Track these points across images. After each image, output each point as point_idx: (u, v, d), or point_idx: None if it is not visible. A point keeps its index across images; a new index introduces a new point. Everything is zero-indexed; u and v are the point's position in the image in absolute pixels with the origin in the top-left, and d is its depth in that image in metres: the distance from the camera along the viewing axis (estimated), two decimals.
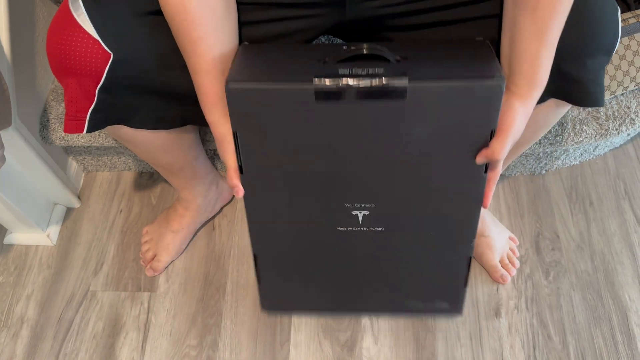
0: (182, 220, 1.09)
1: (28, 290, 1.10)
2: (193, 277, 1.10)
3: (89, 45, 0.66)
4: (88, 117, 0.70)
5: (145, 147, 0.85)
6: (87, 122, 0.71)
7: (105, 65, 0.67)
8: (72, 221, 1.18)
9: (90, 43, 0.66)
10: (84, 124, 0.71)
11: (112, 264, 1.12)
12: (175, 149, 0.90)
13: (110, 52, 0.66)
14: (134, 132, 0.80)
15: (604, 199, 1.18)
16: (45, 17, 1.07)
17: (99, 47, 0.66)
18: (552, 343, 1.01)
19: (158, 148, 0.87)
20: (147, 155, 0.89)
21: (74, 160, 1.21)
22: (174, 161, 0.93)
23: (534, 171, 1.21)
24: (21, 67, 0.98)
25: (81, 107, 0.70)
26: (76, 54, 0.66)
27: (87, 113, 0.70)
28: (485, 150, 0.66)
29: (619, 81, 1.03)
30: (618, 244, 1.12)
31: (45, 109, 1.07)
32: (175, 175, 0.98)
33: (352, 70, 0.61)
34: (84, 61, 0.66)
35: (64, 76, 0.69)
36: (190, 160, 0.97)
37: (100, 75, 0.67)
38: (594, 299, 1.05)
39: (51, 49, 0.68)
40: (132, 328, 1.05)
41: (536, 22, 0.63)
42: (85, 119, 0.70)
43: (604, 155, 1.24)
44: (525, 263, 1.10)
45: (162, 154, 0.90)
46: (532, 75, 0.66)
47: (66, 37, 0.66)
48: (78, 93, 0.69)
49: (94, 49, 0.66)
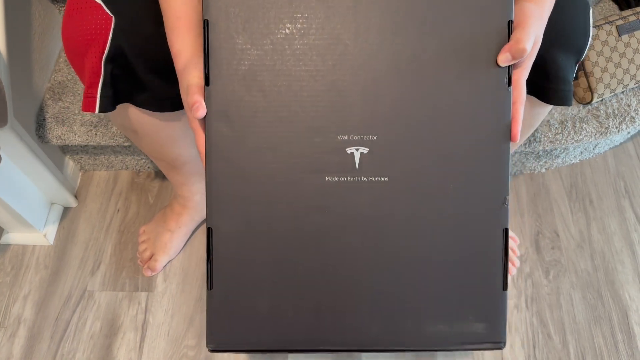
0: (180, 219, 1.09)
1: (25, 290, 1.09)
2: (191, 276, 1.10)
3: (93, 11, 0.67)
4: (99, 93, 0.71)
5: (152, 137, 0.85)
6: (99, 99, 0.71)
7: (108, 30, 0.67)
8: (69, 221, 1.18)
9: (94, 9, 0.67)
10: (95, 102, 0.71)
11: (110, 263, 1.12)
12: (181, 141, 0.89)
13: (111, 15, 0.67)
14: (143, 118, 0.80)
15: (604, 197, 1.18)
16: (41, 15, 1.07)
17: (102, 11, 0.67)
18: (552, 342, 1.00)
19: (165, 139, 0.86)
20: (152, 147, 0.88)
21: (70, 160, 1.20)
22: (178, 154, 0.93)
23: (534, 169, 1.21)
24: (17, 65, 0.98)
25: (92, 82, 0.70)
26: (83, 25, 0.67)
27: (98, 88, 0.70)
28: (507, 45, 0.57)
29: (619, 79, 1.02)
30: (618, 242, 1.11)
31: (41, 108, 1.07)
32: (176, 169, 0.98)
33: None
34: (90, 29, 0.67)
35: (77, 56, 0.70)
36: (195, 155, 0.97)
37: (105, 42, 0.67)
38: (594, 298, 1.05)
39: (64, 33, 0.69)
40: (130, 328, 1.04)
41: None
42: (97, 95, 0.71)
43: (604, 154, 1.24)
44: (525, 262, 1.09)
45: (168, 147, 0.89)
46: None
47: (74, 13, 0.68)
48: (89, 68, 0.69)
49: (97, 14, 0.67)
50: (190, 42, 0.63)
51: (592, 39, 1.01)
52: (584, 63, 1.02)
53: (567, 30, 0.67)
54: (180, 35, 0.64)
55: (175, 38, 0.64)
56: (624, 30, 1.01)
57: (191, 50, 0.63)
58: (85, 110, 0.71)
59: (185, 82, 0.62)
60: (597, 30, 1.01)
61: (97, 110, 0.71)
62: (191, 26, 0.64)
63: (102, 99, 0.71)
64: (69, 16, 0.69)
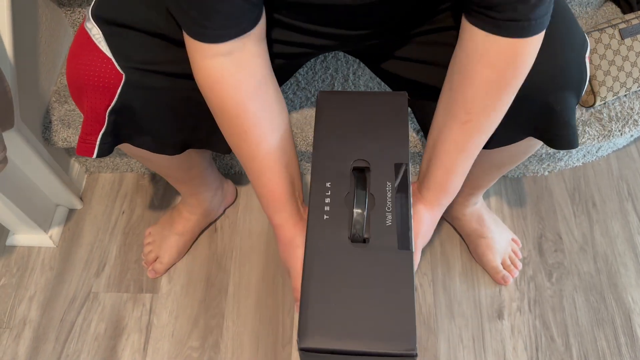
0: (187, 224, 1.09)
1: (30, 291, 1.10)
2: (195, 278, 1.10)
3: (102, 63, 0.66)
4: (99, 140, 0.71)
5: (157, 164, 0.87)
6: (98, 146, 0.72)
7: (117, 86, 0.67)
8: (74, 222, 1.18)
9: (104, 61, 0.66)
10: (94, 148, 0.72)
11: (114, 265, 1.12)
12: (186, 165, 0.92)
13: (122, 73, 0.66)
14: (145, 153, 0.81)
15: (607, 200, 1.18)
16: (48, 19, 1.08)
17: (112, 67, 0.66)
18: (555, 345, 1.01)
19: (170, 166, 0.88)
20: (158, 169, 0.90)
21: (76, 162, 1.21)
22: (184, 174, 0.95)
23: (537, 172, 1.21)
24: (24, 68, 0.98)
25: (92, 130, 0.71)
26: (91, 72, 0.67)
27: (98, 136, 0.71)
28: None
29: (622, 82, 1.02)
30: (621, 245, 1.11)
31: (47, 111, 1.08)
32: (184, 183, 0.99)
33: None
34: (98, 80, 0.67)
35: (79, 96, 0.70)
36: (201, 171, 0.99)
37: (112, 96, 0.68)
38: (597, 301, 1.05)
39: (69, 71, 0.69)
40: (134, 329, 1.04)
41: (463, 134, 0.65)
42: (96, 142, 0.72)
43: (607, 157, 1.24)
44: (528, 264, 1.09)
45: (174, 170, 0.91)
46: (444, 183, 0.68)
47: (83, 57, 0.67)
48: (90, 116, 0.70)
49: (107, 68, 0.66)
50: (288, 216, 0.69)
51: (595, 42, 1.01)
52: None
53: (567, 74, 0.67)
54: (277, 211, 0.69)
55: (273, 213, 0.69)
56: (627, 34, 1.01)
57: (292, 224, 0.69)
58: (81, 154, 0.72)
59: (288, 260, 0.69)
60: (600, 33, 1.01)
61: (95, 156, 0.72)
62: (286, 202, 0.69)
63: (101, 145, 0.72)
64: (76, 56, 0.68)
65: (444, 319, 1.04)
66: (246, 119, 0.64)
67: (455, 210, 1.06)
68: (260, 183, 0.69)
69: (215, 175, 1.07)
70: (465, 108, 0.63)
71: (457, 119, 0.64)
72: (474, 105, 0.63)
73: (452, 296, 1.06)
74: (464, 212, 1.06)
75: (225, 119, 0.66)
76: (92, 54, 0.66)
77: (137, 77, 0.67)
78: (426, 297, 1.06)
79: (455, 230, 1.13)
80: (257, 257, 1.12)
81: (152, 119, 0.73)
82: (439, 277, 1.08)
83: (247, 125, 0.65)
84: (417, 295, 1.06)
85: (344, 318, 0.56)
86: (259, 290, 1.08)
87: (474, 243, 1.08)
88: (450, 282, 1.08)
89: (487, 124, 0.64)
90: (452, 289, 1.07)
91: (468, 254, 1.11)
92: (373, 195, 0.63)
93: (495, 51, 0.59)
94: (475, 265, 1.09)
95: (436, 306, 1.05)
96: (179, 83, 0.69)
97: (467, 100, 0.63)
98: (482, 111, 0.63)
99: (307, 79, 1.10)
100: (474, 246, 1.08)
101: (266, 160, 0.67)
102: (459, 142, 0.65)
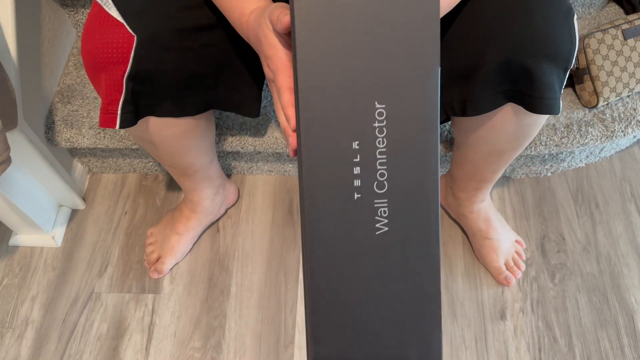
0: (188, 223, 1.09)
1: (33, 291, 1.10)
2: (197, 279, 1.10)
3: (115, 30, 0.67)
4: (120, 110, 0.71)
5: (169, 147, 0.86)
6: (119, 116, 0.72)
7: (130, 49, 0.68)
8: (76, 223, 1.19)
9: (116, 27, 0.67)
10: (116, 118, 0.72)
11: (117, 265, 1.12)
12: (196, 150, 0.91)
13: (134, 35, 0.67)
14: (162, 130, 0.81)
15: (609, 201, 1.18)
16: (51, 19, 1.08)
17: (124, 30, 0.67)
18: (558, 346, 1.00)
19: (181, 148, 0.88)
20: (167, 157, 0.90)
21: (79, 162, 1.21)
22: (191, 163, 0.95)
23: (540, 173, 1.21)
24: (27, 69, 0.99)
25: (112, 100, 0.71)
26: (105, 42, 0.67)
27: (119, 105, 0.71)
28: None
29: (625, 83, 1.02)
30: (624, 246, 1.11)
31: (50, 111, 1.08)
32: (188, 176, 0.99)
33: None
34: (112, 47, 0.67)
35: (96, 71, 0.70)
36: (207, 163, 0.99)
37: (127, 61, 0.68)
38: (600, 302, 1.05)
39: (84, 49, 0.69)
40: (137, 330, 1.05)
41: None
42: (117, 112, 0.71)
43: (610, 157, 1.24)
44: (531, 265, 1.09)
45: (183, 156, 0.91)
46: None
47: (95, 29, 0.68)
48: (109, 85, 0.70)
49: (119, 33, 0.67)
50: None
51: (598, 42, 1.01)
52: (589, 67, 1.02)
53: (550, 39, 0.66)
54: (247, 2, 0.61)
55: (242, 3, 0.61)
56: (629, 34, 1.01)
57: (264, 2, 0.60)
58: (104, 126, 0.72)
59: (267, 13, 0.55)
60: (603, 34, 1.01)
61: (118, 126, 0.72)
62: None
63: (123, 116, 0.72)
64: (89, 31, 0.69)
65: (447, 319, 1.03)
66: None
67: (463, 207, 1.06)
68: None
69: (218, 172, 1.07)
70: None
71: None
72: None
73: (455, 296, 1.06)
74: (471, 209, 1.05)
75: None
76: (105, 24, 0.67)
77: (147, 36, 0.68)
78: None
79: (461, 228, 1.13)
80: (259, 258, 1.12)
81: (169, 81, 0.73)
82: (441, 278, 1.08)
83: None
84: None
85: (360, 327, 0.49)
86: (262, 291, 1.08)
87: (478, 243, 1.08)
88: (453, 283, 1.08)
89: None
90: (455, 290, 1.07)
91: (471, 254, 1.11)
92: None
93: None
94: (478, 266, 1.09)
95: None
96: (190, 38, 0.70)
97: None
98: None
99: None
100: (478, 246, 1.08)
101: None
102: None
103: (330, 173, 0.47)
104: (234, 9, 0.62)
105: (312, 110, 0.47)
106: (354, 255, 0.49)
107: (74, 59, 1.16)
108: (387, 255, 0.49)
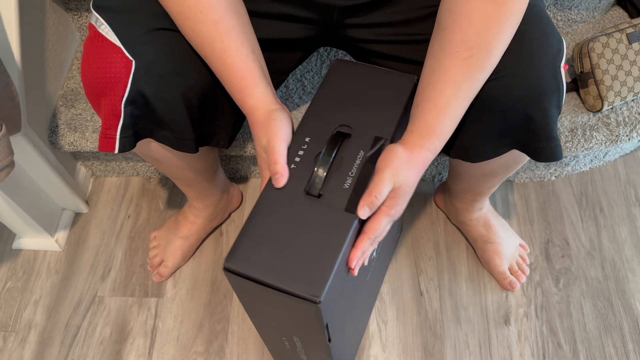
0: (192, 227, 1.09)
1: (36, 295, 1.10)
2: (200, 282, 1.10)
3: (113, 53, 0.66)
4: (118, 134, 0.71)
5: (171, 166, 0.87)
6: (118, 140, 0.72)
7: (128, 74, 0.67)
8: (80, 226, 1.19)
9: (114, 52, 0.66)
10: (115, 142, 0.72)
11: (120, 269, 1.12)
12: (199, 166, 0.92)
13: (132, 60, 0.66)
14: (163, 152, 0.81)
15: (614, 205, 1.17)
16: (55, 23, 1.08)
17: (122, 55, 0.66)
18: (562, 351, 1.00)
19: (184, 166, 0.89)
20: (171, 170, 0.90)
21: (82, 166, 1.22)
22: (195, 176, 0.95)
23: (544, 177, 1.20)
24: (31, 73, 0.99)
25: (111, 124, 0.70)
26: (102, 66, 0.67)
27: (117, 130, 0.71)
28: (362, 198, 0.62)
29: (630, 87, 1.02)
30: (629, 251, 1.11)
31: (54, 115, 1.08)
32: (193, 186, 0.99)
33: None
34: (109, 72, 0.67)
35: (96, 97, 0.70)
36: (211, 174, 1.00)
37: (125, 85, 0.68)
38: (605, 307, 1.04)
39: (84, 74, 0.69)
40: (140, 334, 1.04)
41: (463, 70, 0.62)
42: (116, 136, 0.71)
43: (614, 162, 1.23)
44: (535, 270, 1.09)
45: (187, 171, 0.91)
46: (434, 124, 0.64)
47: (94, 54, 0.67)
48: (108, 110, 0.70)
49: (118, 57, 0.66)
50: (262, 95, 0.66)
51: (603, 46, 1.00)
52: (594, 71, 1.02)
53: (541, 82, 0.65)
54: (249, 94, 0.66)
55: (246, 97, 0.66)
56: (634, 38, 1.01)
57: (267, 102, 0.66)
58: (103, 150, 0.72)
59: (265, 138, 0.65)
60: (607, 38, 1.01)
61: (117, 150, 0.72)
62: (258, 81, 0.66)
63: (121, 139, 0.72)
64: (88, 57, 0.68)
65: (450, 324, 1.03)
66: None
67: (461, 215, 1.06)
68: (226, 68, 0.66)
69: (222, 179, 1.07)
70: (465, 45, 0.61)
71: (456, 57, 0.62)
72: (475, 41, 0.61)
73: (459, 301, 1.05)
74: (469, 217, 1.05)
75: (176, 2, 0.65)
76: (103, 48, 0.67)
77: (145, 62, 0.67)
78: (432, 302, 1.05)
79: (463, 234, 1.13)
80: None
81: (166, 109, 0.72)
82: (445, 282, 1.08)
83: (202, 4, 0.63)
84: (422, 298, 1.06)
85: (271, 254, 0.61)
86: None
87: (480, 248, 1.07)
88: (457, 288, 1.07)
89: (489, 59, 0.62)
90: (459, 295, 1.06)
91: (474, 259, 1.10)
92: (343, 158, 0.66)
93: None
94: (482, 271, 1.09)
95: (442, 312, 1.04)
96: (187, 69, 0.70)
97: (467, 39, 0.61)
98: (484, 46, 0.61)
99: (312, 84, 1.10)
100: (481, 251, 1.07)
101: (228, 40, 0.64)
102: (457, 79, 0.62)
103: None
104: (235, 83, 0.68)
105: None
106: (289, 206, 0.64)
107: (77, 62, 1.16)
108: (312, 214, 0.63)
